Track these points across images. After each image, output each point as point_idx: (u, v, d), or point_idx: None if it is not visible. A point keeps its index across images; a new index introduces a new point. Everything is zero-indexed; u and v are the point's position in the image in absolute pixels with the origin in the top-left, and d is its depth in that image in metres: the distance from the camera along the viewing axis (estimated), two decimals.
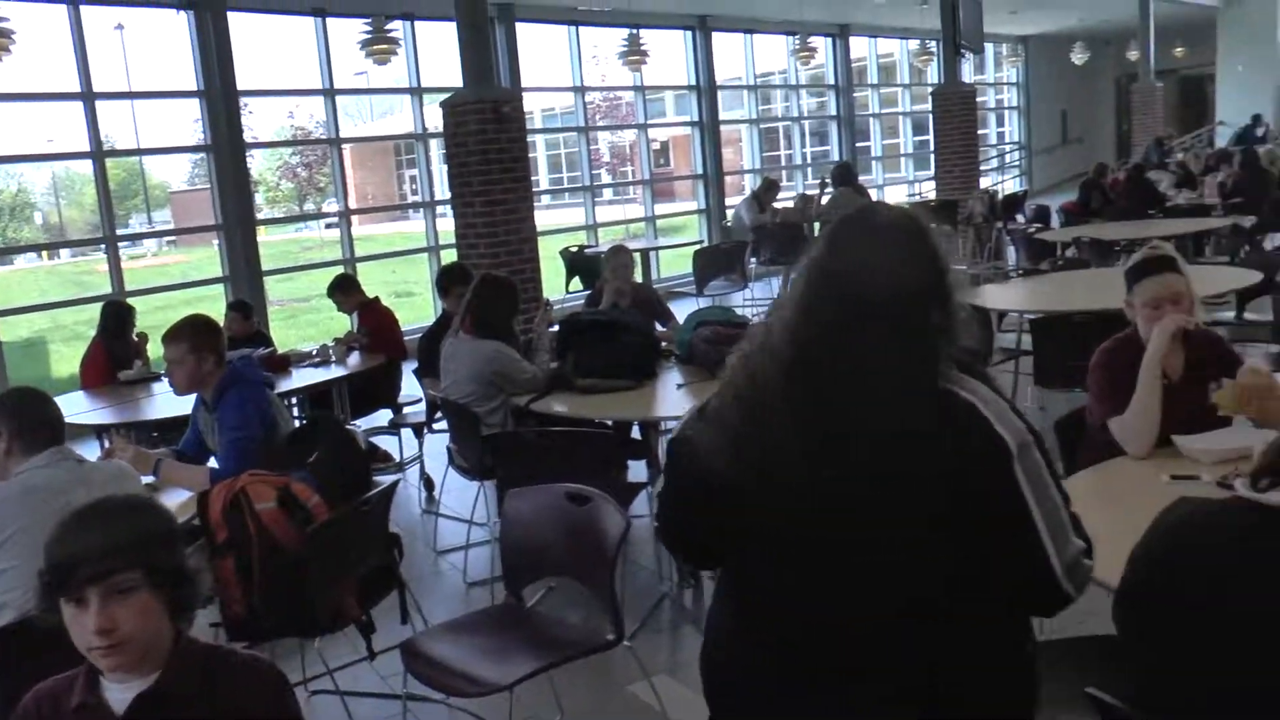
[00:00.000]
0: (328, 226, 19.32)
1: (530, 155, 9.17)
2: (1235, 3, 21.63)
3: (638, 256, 11.05)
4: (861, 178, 14.42)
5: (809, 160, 19.19)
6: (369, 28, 10.03)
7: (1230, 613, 1.71)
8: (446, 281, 6.30)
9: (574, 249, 11.54)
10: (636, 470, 4.93)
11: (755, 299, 11.79)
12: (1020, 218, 13.88)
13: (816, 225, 11.40)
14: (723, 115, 16.48)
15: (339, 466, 3.50)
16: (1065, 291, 7.05)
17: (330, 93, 11.58)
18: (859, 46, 19.58)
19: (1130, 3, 18.92)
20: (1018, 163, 24.12)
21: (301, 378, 6.21)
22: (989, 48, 21.95)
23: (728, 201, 15.84)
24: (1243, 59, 21.93)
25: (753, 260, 11.68)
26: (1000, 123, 24.38)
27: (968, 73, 18.19)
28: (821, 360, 1.75)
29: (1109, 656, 2.27)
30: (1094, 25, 21.75)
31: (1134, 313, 3.35)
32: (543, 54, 14.57)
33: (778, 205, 12.83)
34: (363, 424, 6.70)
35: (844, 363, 1.73)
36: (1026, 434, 1.72)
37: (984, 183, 17.59)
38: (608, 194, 19.52)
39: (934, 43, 15.55)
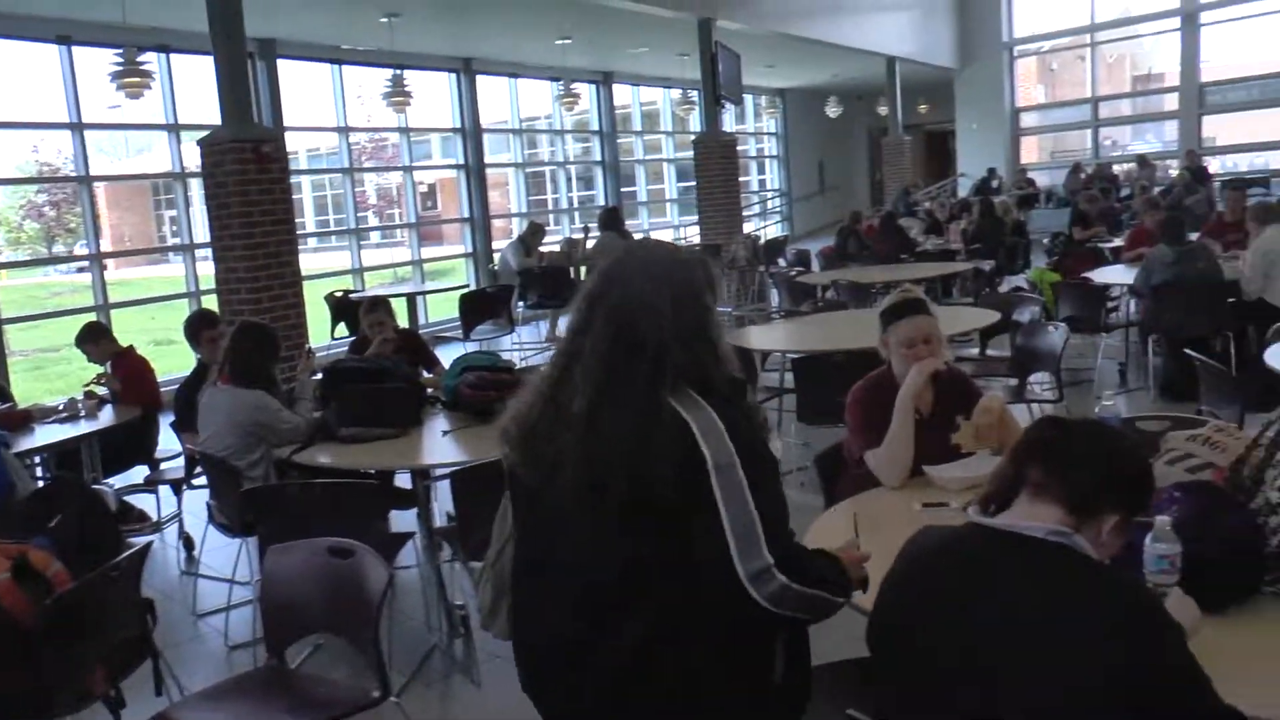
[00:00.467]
0: (79, 270, 18.24)
1: (295, 197, 8.93)
2: (968, 67, 23.18)
3: (403, 302, 10.94)
4: (628, 222, 14.69)
5: (575, 204, 19.42)
6: (120, 59, 9.53)
7: (963, 633, 1.81)
8: (194, 329, 6.04)
9: (339, 294, 11.28)
10: (406, 520, 4.85)
11: (522, 343, 11.80)
12: (782, 261, 14.39)
13: (583, 269, 11.51)
14: (489, 158, 16.51)
15: (84, 530, 3.30)
16: (825, 332, 7.31)
17: (79, 127, 10.98)
18: (622, 94, 20.00)
19: (878, 62, 19.98)
20: (779, 209, 25.04)
21: (46, 434, 5.78)
22: (748, 99, 22.77)
23: (495, 245, 15.84)
24: (977, 117, 23.51)
25: (519, 304, 11.69)
26: (762, 170, 25.30)
27: (729, 122, 18.84)
28: (567, 366, 2.05)
29: (868, 679, 2.38)
30: (846, 81, 22.84)
31: (888, 351, 3.55)
32: (306, 92, 14.28)
33: (544, 249, 12.90)
34: (115, 482, 6.34)
35: (580, 369, 2.01)
36: (732, 455, 1.92)
37: (747, 228, 18.17)
38: (375, 237, 19.24)
39: (695, 92, 16.00)
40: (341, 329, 10.68)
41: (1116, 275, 9.12)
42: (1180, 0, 20.81)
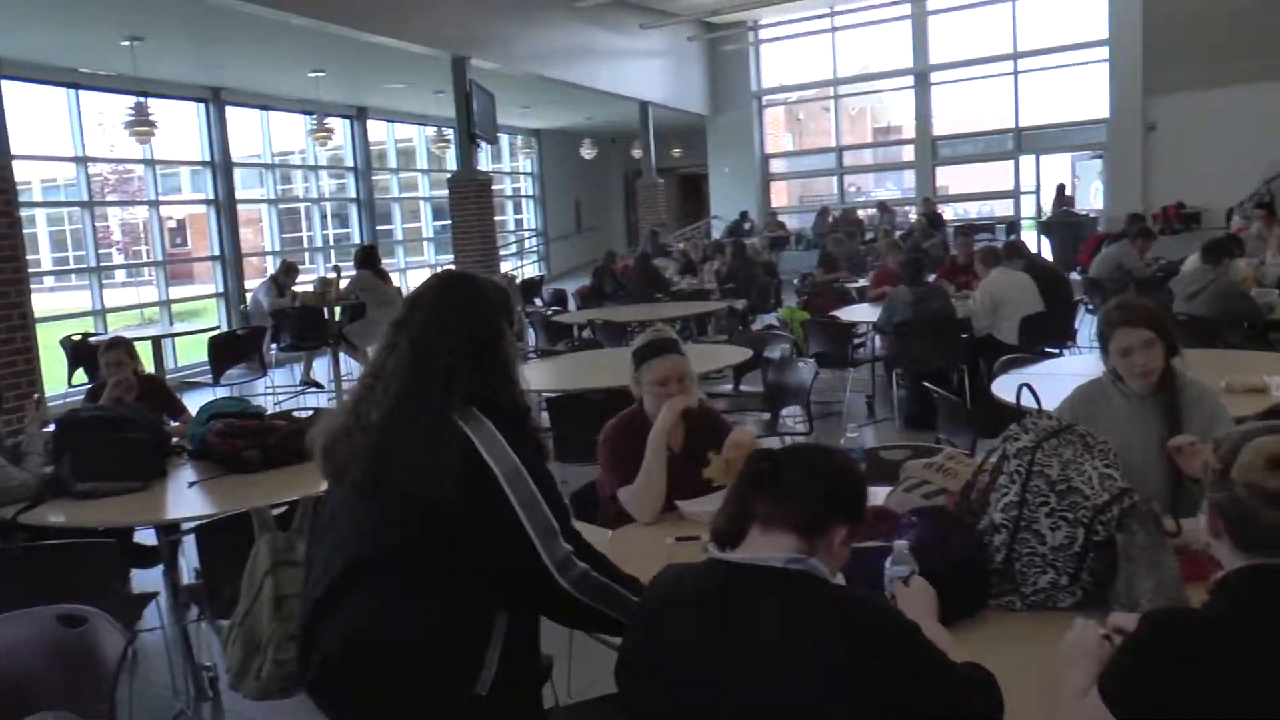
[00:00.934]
0: None
1: (28, 231, 8.37)
2: (719, 114, 23.91)
3: (148, 345, 10.40)
4: (384, 261, 14.44)
5: (331, 242, 18.98)
6: None
7: (711, 667, 1.86)
8: None
9: (78, 337, 10.60)
10: (151, 579, 4.57)
11: (276, 386, 11.38)
12: (539, 301, 14.46)
13: (338, 309, 11.22)
14: (241, 193, 15.91)
15: None
16: (580, 371, 7.36)
17: None
18: (378, 130, 19.71)
19: (632, 107, 20.32)
20: (536, 249, 25.14)
21: None
22: (504, 138, 22.83)
23: (248, 284, 15.22)
24: (729, 162, 24.29)
25: (273, 346, 11.26)
26: (518, 210, 25.37)
27: (485, 161, 18.82)
28: (372, 385, 2.30)
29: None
30: (601, 124, 23.22)
31: (640, 390, 3.60)
32: (39, 118, 13.39)
33: (297, 289, 12.51)
34: None
35: (380, 386, 2.27)
36: (518, 465, 2.21)
37: (504, 267, 18.17)
38: (119, 276, 18.23)
39: (451, 130, 15.93)
40: (80, 375, 10.03)
41: (862, 314, 9.55)
42: (912, 61, 22.18)
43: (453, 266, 16.02)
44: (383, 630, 2.17)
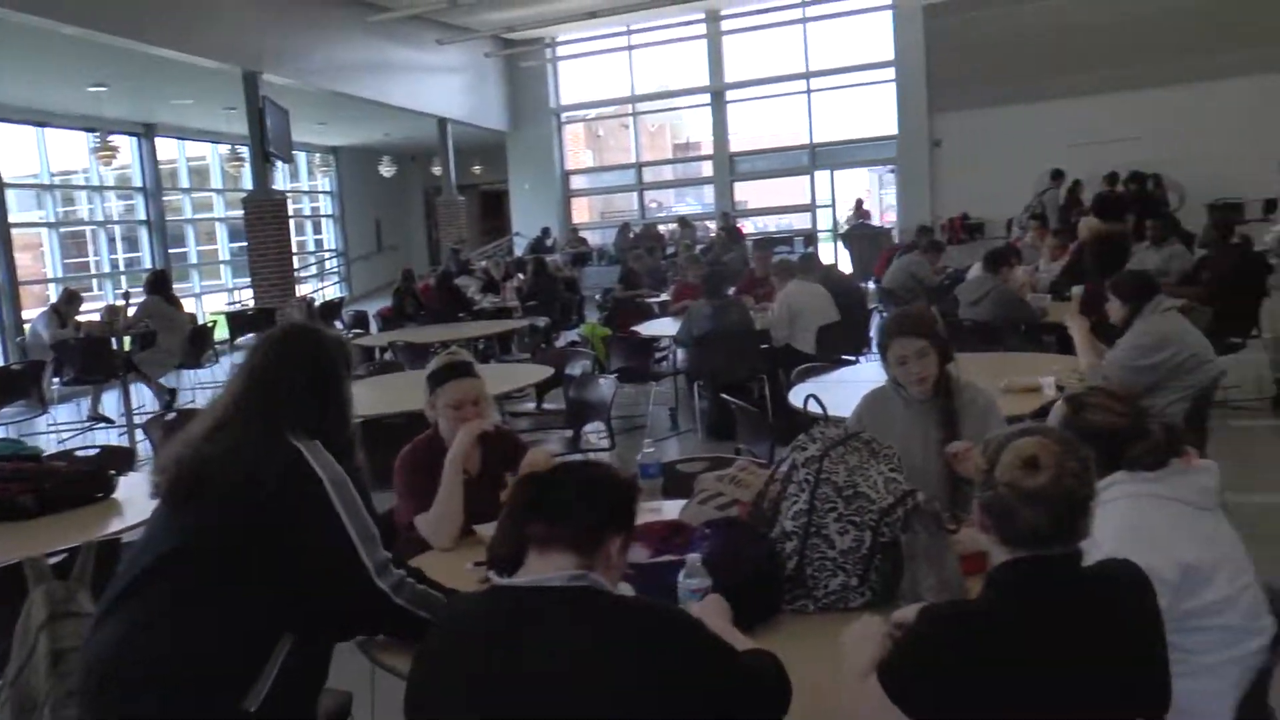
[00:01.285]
0: None
1: None
2: (519, 130, 23.92)
3: None
4: (179, 285, 13.87)
5: (120, 267, 18.12)
6: None
7: (502, 697, 1.84)
8: None
9: None
10: None
11: (59, 424, 10.76)
12: (339, 324, 14.13)
13: (126, 339, 10.69)
14: (15, 217, 15.01)
15: None
16: (382, 394, 7.18)
17: None
18: (167, 148, 18.93)
19: (430, 123, 20.15)
20: (337, 269, 24.62)
21: None
22: (301, 156, 22.31)
23: (26, 315, 14.34)
24: (529, 179, 24.32)
25: (55, 381, 10.61)
26: (318, 230, 24.79)
27: (282, 180, 18.32)
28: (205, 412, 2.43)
29: None
30: (400, 141, 22.96)
31: (435, 414, 3.54)
32: None
33: (82, 318, 11.83)
34: None
35: (208, 411, 2.41)
36: (343, 475, 2.31)
37: (304, 289, 17.72)
38: None
39: (245, 148, 15.47)
40: None
41: (663, 328, 9.64)
42: (709, 79, 22.69)
43: (250, 291, 15.56)
44: (158, 633, 2.15)
